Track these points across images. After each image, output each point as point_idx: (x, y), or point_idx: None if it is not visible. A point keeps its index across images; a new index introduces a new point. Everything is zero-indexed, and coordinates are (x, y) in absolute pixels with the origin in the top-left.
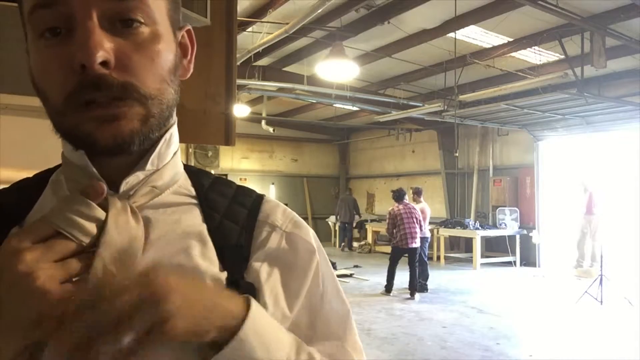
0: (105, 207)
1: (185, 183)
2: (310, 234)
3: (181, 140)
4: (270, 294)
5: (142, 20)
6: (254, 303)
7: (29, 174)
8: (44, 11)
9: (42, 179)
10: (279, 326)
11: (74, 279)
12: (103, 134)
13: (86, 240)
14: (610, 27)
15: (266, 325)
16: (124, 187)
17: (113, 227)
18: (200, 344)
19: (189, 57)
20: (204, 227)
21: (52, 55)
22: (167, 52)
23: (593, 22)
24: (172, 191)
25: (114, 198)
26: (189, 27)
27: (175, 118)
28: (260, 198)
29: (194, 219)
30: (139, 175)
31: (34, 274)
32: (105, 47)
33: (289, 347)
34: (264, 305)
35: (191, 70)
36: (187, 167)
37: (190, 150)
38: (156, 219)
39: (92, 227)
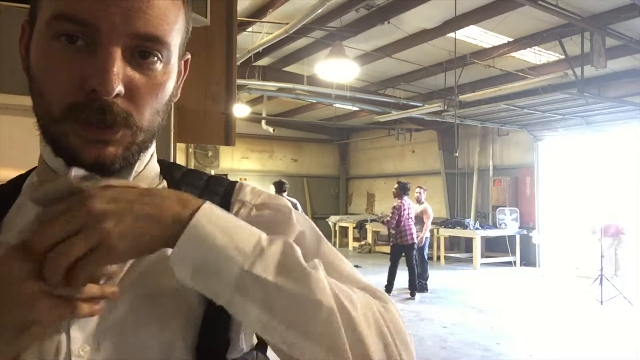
0: None
1: (158, 179)
2: (283, 201)
3: (181, 140)
4: None
5: (160, 58)
6: (208, 202)
7: None
8: (70, 24)
9: (16, 184)
10: (244, 222)
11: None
12: (88, 153)
13: None
14: (610, 27)
15: (225, 216)
16: None
17: None
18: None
19: (179, 82)
20: None
21: (62, 61)
22: (170, 86)
23: (593, 22)
24: None
25: None
26: (189, 56)
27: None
28: (232, 183)
29: None
30: None
31: (22, 283)
32: (121, 77)
33: (257, 235)
34: None
35: (179, 95)
36: (159, 162)
37: (190, 150)
38: None
39: None
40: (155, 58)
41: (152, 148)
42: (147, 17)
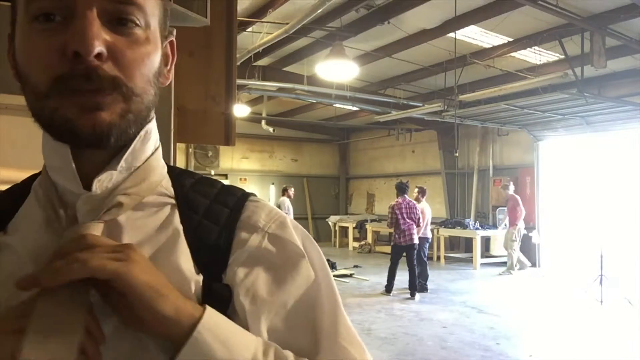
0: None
1: (166, 185)
2: (294, 235)
3: (181, 140)
4: (247, 295)
5: (138, 23)
6: (209, 307)
7: (29, 173)
8: (44, 1)
9: (28, 184)
10: (241, 329)
11: None
12: (83, 122)
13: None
14: (610, 27)
15: (225, 326)
16: (96, 185)
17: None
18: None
19: (169, 66)
20: (180, 228)
21: (43, 39)
22: (155, 56)
23: (593, 22)
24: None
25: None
26: (173, 38)
27: (153, 115)
28: (244, 197)
29: (171, 220)
30: (112, 174)
31: None
32: (101, 39)
33: (254, 347)
34: (240, 306)
35: (170, 79)
36: (170, 169)
37: (190, 150)
38: (130, 223)
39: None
40: (134, 24)
41: (154, 136)
42: None
